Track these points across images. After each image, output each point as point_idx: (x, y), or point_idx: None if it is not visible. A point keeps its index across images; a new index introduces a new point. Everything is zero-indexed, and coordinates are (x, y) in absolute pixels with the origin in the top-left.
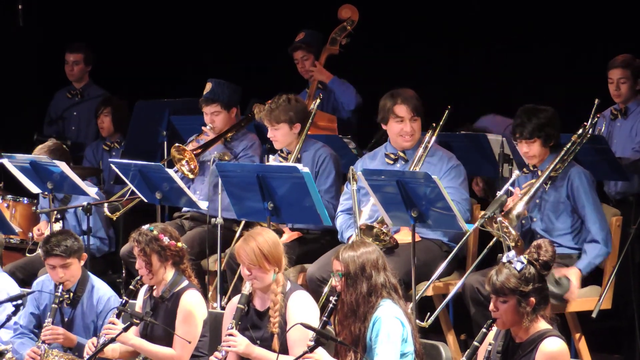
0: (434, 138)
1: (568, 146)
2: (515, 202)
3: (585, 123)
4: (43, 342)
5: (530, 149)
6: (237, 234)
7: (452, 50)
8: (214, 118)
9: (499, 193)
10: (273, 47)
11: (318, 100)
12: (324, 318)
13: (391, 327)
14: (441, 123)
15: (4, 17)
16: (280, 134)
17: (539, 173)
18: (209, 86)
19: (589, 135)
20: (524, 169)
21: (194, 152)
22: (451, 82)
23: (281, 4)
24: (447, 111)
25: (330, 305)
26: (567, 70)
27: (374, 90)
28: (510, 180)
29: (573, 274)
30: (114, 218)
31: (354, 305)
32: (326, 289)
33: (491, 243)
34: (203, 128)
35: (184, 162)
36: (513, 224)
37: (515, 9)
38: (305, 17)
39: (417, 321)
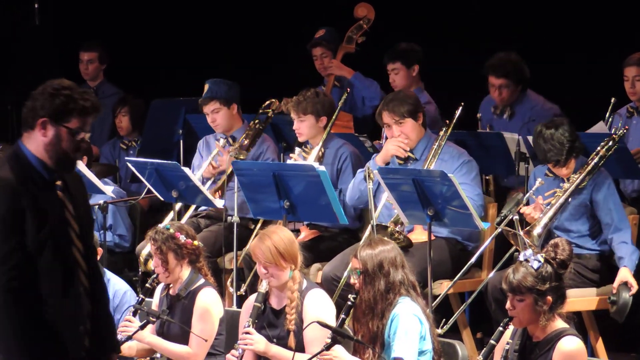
0: (446, 136)
1: (596, 160)
2: (538, 220)
3: (614, 135)
4: None
5: (568, 169)
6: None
7: (467, 49)
8: (215, 116)
9: (527, 194)
10: (288, 45)
11: (345, 96)
12: (342, 316)
13: (409, 325)
14: (454, 121)
15: (20, 16)
16: (305, 126)
17: (565, 179)
18: (206, 87)
19: (616, 147)
20: (547, 172)
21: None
22: (465, 80)
23: (296, 3)
24: (459, 109)
25: (349, 303)
26: (583, 69)
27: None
28: (534, 188)
29: (625, 275)
30: None
31: (372, 303)
32: (339, 287)
33: (512, 249)
34: (217, 144)
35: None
36: (535, 242)
37: (532, 6)
38: (320, 15)
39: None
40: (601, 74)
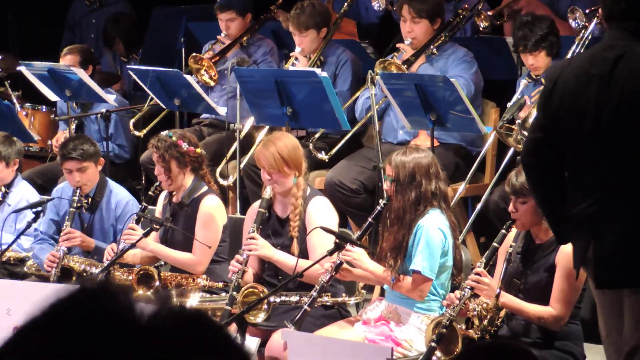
0: (445, 33)
1: (573, 49)
2: (529, 110)
3: (587, 24)
4: (61, 246)
5: (535, 61)
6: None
7: None
8: (229, 24)
9: (516, 97)
10: None
11: (345, 5)
12: (370, 219)
13: (432, 238)
14: (457, 20)
15: None
16: (308, 41)
17: (543, 81)
18: None
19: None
20: (527, 77)
21: (212, 60)
22: None
23: None
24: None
25: (379, 207)
26: None
27: None
28: (519, 90)
29: None
30: (142, 135)
31: (400, 212)
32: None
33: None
34: (218, 37)
35: (202, 71)
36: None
37: None
38: None
39: None
40: None
